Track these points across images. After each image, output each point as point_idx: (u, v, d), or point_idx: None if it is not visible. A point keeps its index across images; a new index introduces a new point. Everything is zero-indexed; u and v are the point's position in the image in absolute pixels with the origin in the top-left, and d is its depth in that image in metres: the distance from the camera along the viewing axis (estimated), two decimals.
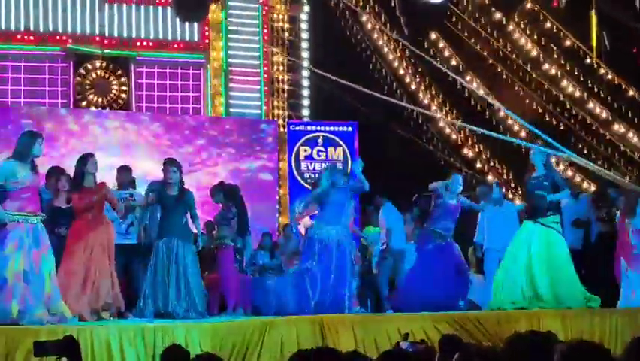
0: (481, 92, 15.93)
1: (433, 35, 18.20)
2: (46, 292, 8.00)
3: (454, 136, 18.21)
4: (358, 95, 14.67)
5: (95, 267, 8.90)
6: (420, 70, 17.98)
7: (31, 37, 15.94)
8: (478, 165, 18.00)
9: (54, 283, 8.13)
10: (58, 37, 16.04)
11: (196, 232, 9.95)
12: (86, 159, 9.29)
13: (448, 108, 17.97)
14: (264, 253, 12.10)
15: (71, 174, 9.44)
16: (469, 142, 18.22)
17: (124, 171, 10.76)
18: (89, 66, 16.21)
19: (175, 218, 9.56)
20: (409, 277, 10.70)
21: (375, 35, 18.07)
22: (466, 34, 17.91)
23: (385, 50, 18.18)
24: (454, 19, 17.87)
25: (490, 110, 16.98)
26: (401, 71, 18.15)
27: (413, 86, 18.06)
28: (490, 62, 17.67)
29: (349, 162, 16.13)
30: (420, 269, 10.47)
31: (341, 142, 16.40)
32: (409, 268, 11.00)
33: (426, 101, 17.89)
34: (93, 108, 16.07)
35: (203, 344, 7.43)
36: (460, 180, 10.70)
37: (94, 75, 16.23)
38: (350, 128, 16.57)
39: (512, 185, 17.41)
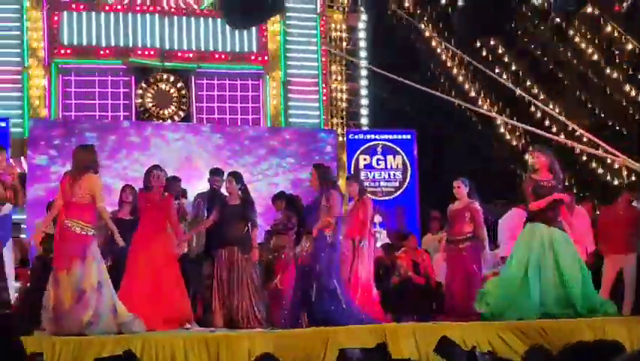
0: (541, 98, 15.78)
1: (492, 42, 18.08)
2: (113, 303, 8.13)
3: (514, 142, 18.05)
4: (417, 103, 14.69)
5: (160, 277, 9.02)
6: (478, 77, 17.87)
7: (94, 52, 16.22)
8: None
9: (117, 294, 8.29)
10: (120, 52, 16.30)
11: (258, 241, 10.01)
12: (149, 170, 9.47)
13: (507, 115, 17.81)
14: None
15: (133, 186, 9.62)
16: (530, 148, 18.02)
17: (174, 182, 10.83)
18: (151, 79, 16.44)
19: (236, 227, 9.64)
20: None
21: (434, 43, 18.02)
22: (525, 39, 17.76)
23: (444, 57, 18.12)
24: (513, 25, 17.72)
25: (549, 116, 16.79)
26: (460, 78, 18.07)
27: (473, 94, 17.96)
28: (551, 67, 17.49)
29: (408, 170, 16.11)
30: None
31: (400, 150, 16.35)
32: None
33: (485, 108, 17.77)
34: (155, 121, 16.28)
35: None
36: None
37: (155, 88, 16.45)
38: (409, 137, 16.50)
39: (575, 191, 17.18)
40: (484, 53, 17.56)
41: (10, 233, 9.39)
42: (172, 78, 16.52)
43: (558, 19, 17.53)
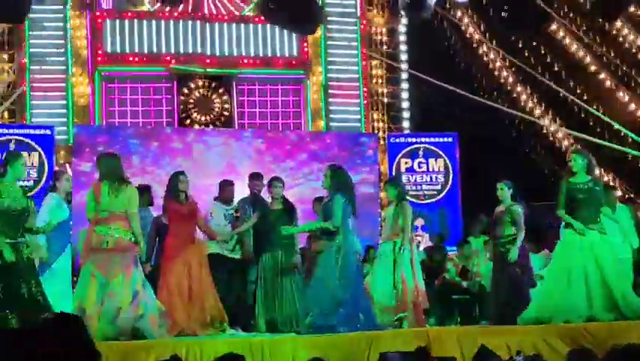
0: (585, 98, 15.63)
1: (534, 42, 17.95)
2: (157, 306, 8.24)
3: (557, 145, 17.90)
4: (459, 105, 14.63)
5: (195, 282, 9.07)
6: (521, 78, 17.76)
7: (136, 59, 16.39)
8: None
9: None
10: (162, 58, 16.45)
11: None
12: (177, 176, 9.50)
13: (550, 117, 17.68)
14: (369, 265, 12.10)
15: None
16: (569, 151, 17.83)
17: (227, 186, 10.78)
18: (192, 85, 16.56)
19: (279, 232, 9.68)
20: None
21: (475, 45, 17.94)
22: (567, 40, 17.60)
23: (485, 59, 18.02)
24: (555, 26, 17.58)
25: (594, 117, 16.64)
26: (502, 80, 17.96)
27: (514, 95, 17.84)
28: (594, 68, 17.32)
29: (450, 173, 16.03)
30: None
31: (442, 153, 16.27)
32: None
33: (528, 109, 17.64)
34: (197, 127, 16.40)
35: (310, 357, 7.47)
36: None
37: (197, 94, 16.57)
38: (450, 140, 16.42)
39: (620, 193, 16.99)
40: (526, 53, 17.44)
41: (69, 239, 9.42)
42: (213, 84, 16.63)
43: (601, 20, 17.34)
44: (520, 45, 17.51)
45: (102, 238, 8.09)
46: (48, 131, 14.81)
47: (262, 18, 16.67)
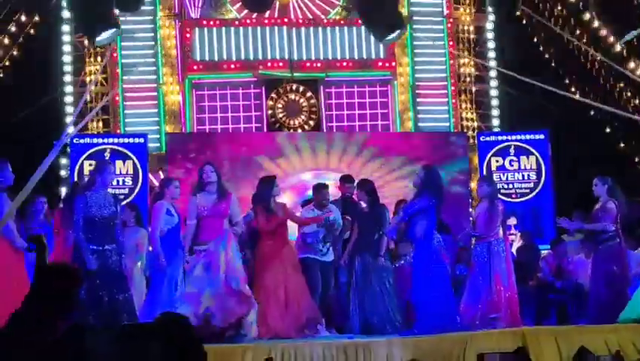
0: None
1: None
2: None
3: None
4: (549, 102, 14.37)
5: (290, 284, 9.12)
6: (613, 73, 17.35)
7: (225, 66, 16.60)
8: None
9: None
10: (250, 65, 16.62)
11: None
12: (271, 181, 9.56)
13: None
14: (462, 266, 12.01)
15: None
16: None
17: (322, 189, 10.60)
18: (280, 90, 16.69)
19: (369, 234, 9.67)
20: None
21: (566, 39, 17.60)
22: None
23: (576, 52, 17.68)
24: None
25: None
26: (594, 73, 17.59)
27: (607, 89, 17.45)
28: None
29: (543, 170, 15.76)
30: None
31: (534, 150, 16.00)
32: None
33: (622, 104, 17.23)
34: (285, 131, 16.51)
35: (404, 359, 7.45)
36: None
37: (285, 98, 16.69)
38: (542, 136, 16.14)
39: None
40: (617, 49, 17.03)
41: (180, 245, 9.44)
42: (301, 88, 16.72)
43: None
44: (612, 39, 17.10)
45: None
46: (141, 140, 15.10)
47: (348, 21, 16.76)
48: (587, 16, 17.17)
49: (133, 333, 1.77)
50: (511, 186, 15.89)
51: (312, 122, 16.72)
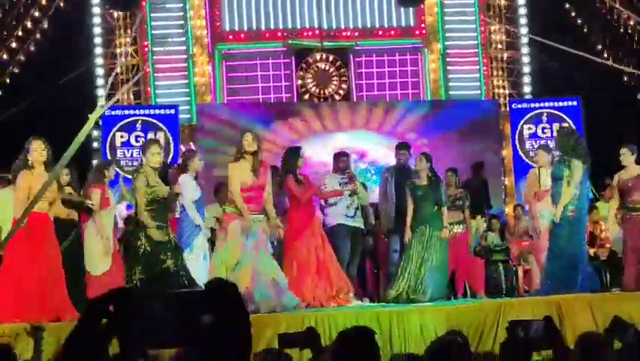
0: None
1: None
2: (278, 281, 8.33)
3: None
4: (581, 69, 14.18)
5: (321, 253, 9.12)
6: None
7: (254, 36, 16.56)
8: None
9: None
10: (279, 34, 16.57)
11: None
12: (297, 152, 9.54)
13: None
14: (493, 234, 11.98)
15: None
16: None
17: (342, 157, 10.49)
18: (310, 60, 16.64)
19: (426, 207, 9.65)
20: None
21: (597, 4, 17.35)
22: None
23: (609, 17, 17.42)
24: None
25: None
26: (627, 38, 17.32)
27: None
28: None
29: None
30: None
31: (566, 118, 15.86)
32: None
33: None
34: (315, 100, 16.48)
35: (437, 328, 7.44)
36: None
37: (315, 68, 16.64)
38: (574, 103, 16.00)
39: None
40: None
41: (203, 218, 9.49)
42: (331, 57, 16.66)
43: None
44: None
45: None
46: (172, 111, 15.15)
47: None
48: None
49: (185, 300, 1.78)
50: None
51: (341, 92, 16.67)
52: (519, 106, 16.20)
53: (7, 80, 15.32)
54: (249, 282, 7.98)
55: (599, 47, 17.30)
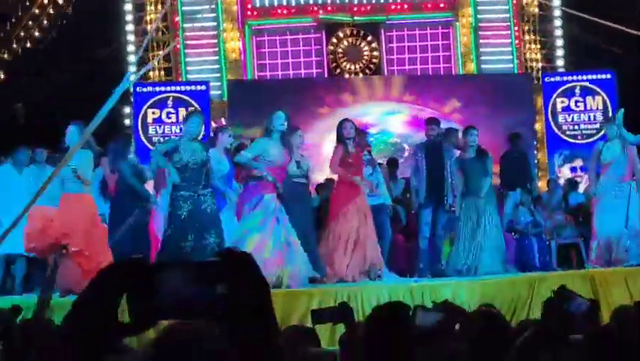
0: None
1: None
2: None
3: None
4: (615, 41, 14.01)
5: (364, 230, 9.12)
6: None
7: (284, 11, 16.50)
8: None
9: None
10: (309, 9, 16.50)
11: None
12: (341, 124, 9.56)
13: None
14: (524, 209, 11.89)
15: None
16: None
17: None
18: (340, 34, 16.55)
19: (476, 180, 9.65)
20: None
21: None
22: None
23: None
24: None
25: None
26: None
27: None
28: None
29: (610, 110, 15.42)
30: None
31: (600, 90, 15.68)
32: None
33: None
34: (347, 75, 16.42)
35: (471, 302, 7.42)
36: None
37: (345, 43, 16.55)
38: (609, 76, 15.80)
39: None
40: None
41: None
42: (362, 32, 16.56)
43: None
44: None
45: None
46: (203, 87, 15.17)
47: None
48: None
49: (203, 271, 1.76)
50: (576, 127, 15.62)
51: (372, 67, 16.57)
52: (552, 79, 16.03)
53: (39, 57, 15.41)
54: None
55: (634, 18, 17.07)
